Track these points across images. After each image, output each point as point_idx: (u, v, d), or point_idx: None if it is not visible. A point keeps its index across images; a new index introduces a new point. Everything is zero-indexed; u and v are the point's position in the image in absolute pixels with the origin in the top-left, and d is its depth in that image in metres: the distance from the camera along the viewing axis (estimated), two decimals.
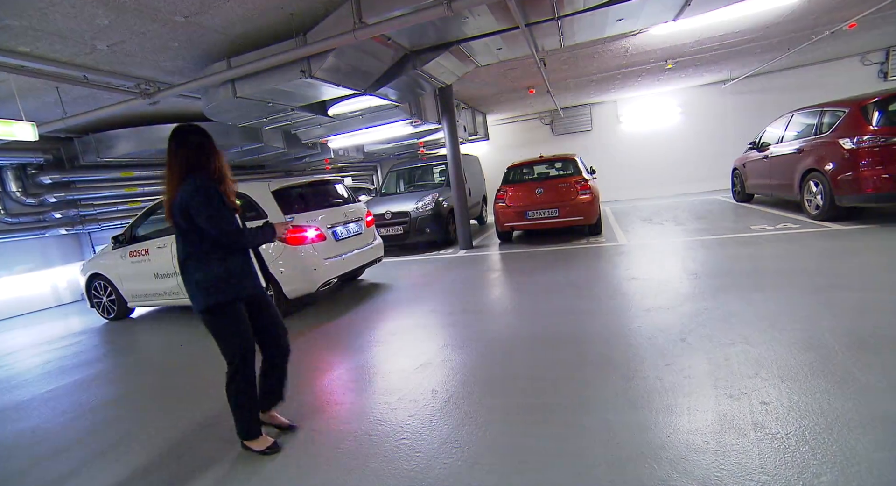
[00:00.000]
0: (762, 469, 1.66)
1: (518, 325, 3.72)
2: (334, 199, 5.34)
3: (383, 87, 5.22)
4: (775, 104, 10.02)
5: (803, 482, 1.58)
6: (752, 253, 4.84)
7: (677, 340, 2.89)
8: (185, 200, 1.94)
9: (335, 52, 3.89)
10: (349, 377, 3.08)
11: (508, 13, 4.16)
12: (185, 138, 2.03)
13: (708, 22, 5.77)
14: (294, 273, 4.43)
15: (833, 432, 1.82)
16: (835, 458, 1.68)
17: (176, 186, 1.98)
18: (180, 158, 2.01)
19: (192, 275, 2.04)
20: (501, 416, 2.30)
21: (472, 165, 10.21)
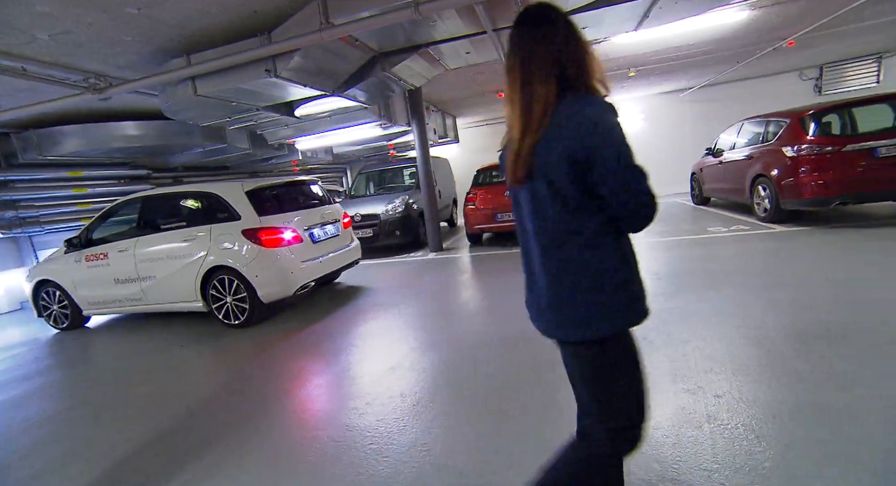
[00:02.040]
0: (714, 459, 1.75)
1: (487, 326, 3.76)
2: (311, 200, 5.22)
3: (351, 88, 5.16)
4: (728, 113, 10.57)
5: (749, 467, 1.68)
6: (708, 254, 5.08)
7: (640, 338, 2.98)
8: (585, 140, 1.04)
9: (301, 52, 3.81)
10: (319, 383, 3.03)
11: (476, 18, 4.21)
12: (550, 28, 1.11)
13: (666, 34, 6.04)
14: (270, 277, 4.30)
15: (776, 420, 1.94)
16: (777, 444, 1.79)
17: (541, 117, 1.07)
18: (545, 63, 1.09)
19: (587, 274, 1.12)
20: (469, 418, 2.31)
21: (443, 167, 10.25)
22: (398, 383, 2.81)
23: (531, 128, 1.07)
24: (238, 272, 4.24)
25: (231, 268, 4.27)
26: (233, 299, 4.36)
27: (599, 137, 1.04)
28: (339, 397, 2.77)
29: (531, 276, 1.23)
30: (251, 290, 4.26)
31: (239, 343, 3.99)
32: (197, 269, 4.38)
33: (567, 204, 1.08)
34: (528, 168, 1.10)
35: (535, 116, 1.07)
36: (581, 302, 1.11)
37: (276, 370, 3.27)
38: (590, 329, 1.11)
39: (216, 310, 4.45)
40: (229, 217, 4.36)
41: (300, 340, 3.88)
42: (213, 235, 4.36)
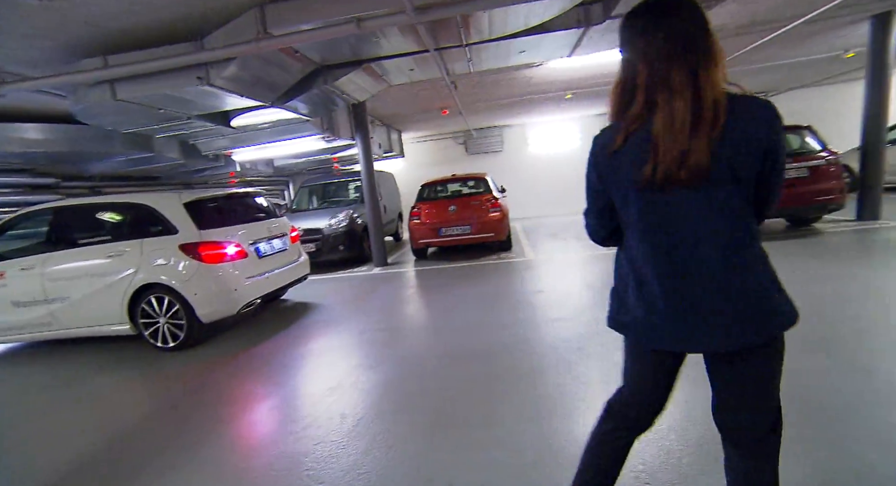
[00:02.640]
0: (641, 461, 1.85)
1: (431, 341, 3.75)
2: (256, 213, 4.96)
3: (292, 100, 5.05)
4: None
5: (670, 465, 1.80)
6: None
7: (575, 348, 3.13)
8: (774, 134, 1.02)
9: (238, 61, 3.68)
10: (258, 408, 2.85)
11: (419, 37, 4.29)
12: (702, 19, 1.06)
13: (596, 61, 6.49)
14: (210, 295, 4.02)
15: (693, 419, 2.10)
16: (695, 441, 1.94)
17: (723, 112, 1.00)
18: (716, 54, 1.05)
19: (765, 269, 1.09)
20: (411, 436, 2.28)
21: (388, 181, 10.22)
22: (339, 403, 2.71)
23: (718, 121, 0.98)
24: (174, 290, 3.94)
25: (166, 286, 3.96)
26: (167, 320, 4.03)
27: (780, 131, 1.03)
28: (277, 422, 2.62)
29: (685, 289, 1.08)
30: (189, 309, 3.97)
31: (172, 368, 3.67)
32: (124, 287, 4.01)
33: (748, 199, 1.05)
34: (708, 164, 1.00)
35: (720, 108, 0.99)
36: (777, 296, 1.08)
37: (213, 396, 3.04)
38: (777, 323, 1.07)
39: (147, 333, 4.10)
40: (164, 231, 4.05)
41: (241, 362, 3.65)
42: (145, 251, 4.02)
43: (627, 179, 1.09)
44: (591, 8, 4.37)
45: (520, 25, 4.27)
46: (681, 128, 0.99)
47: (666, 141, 1.01)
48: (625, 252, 1.22)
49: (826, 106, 11.30)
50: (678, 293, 1.09)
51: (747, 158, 1.00)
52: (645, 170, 1.04)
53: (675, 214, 1.06)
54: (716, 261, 1.05)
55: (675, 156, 1.00)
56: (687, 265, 1.07)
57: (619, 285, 1.26)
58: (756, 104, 1.01)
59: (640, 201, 1.10)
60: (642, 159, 1.05)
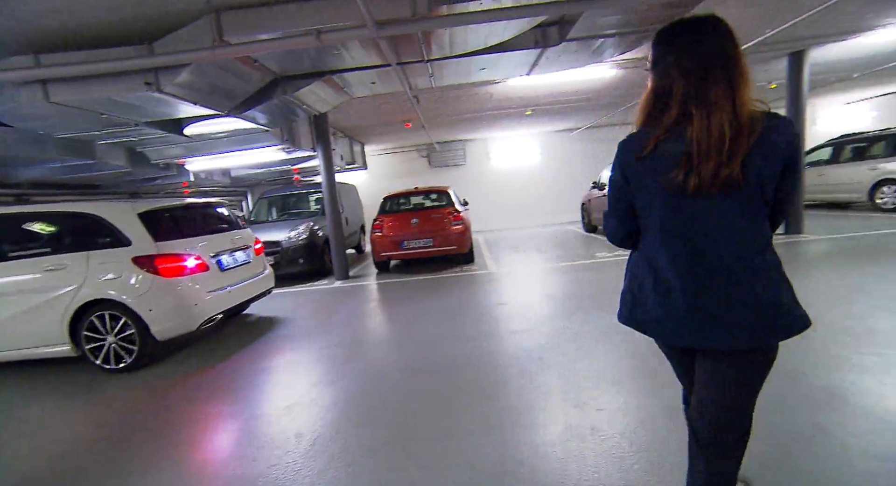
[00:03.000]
0: (594, 468, 1.90)
1: (392, 355, 3.70)
2: (218, 224, 4.74)
3: (250, 109, 4.92)
4: (610, 151, 12.03)
5: (622, 470, 1.86)
6: (596, 277, 5.63)
7: (536, 359, 3.18)
8: (794, 149, 1.11)
9: (192, 68, 3.55)
10: (212, 431, 2.69)
11: (381, 51, 4.33)
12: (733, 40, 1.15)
13: (555, 81, 6.79)
14: (168, 310, 3.80)
15: (645, 424, 2.18)
16: (645, 446, 2.01)
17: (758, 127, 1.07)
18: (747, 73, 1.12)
19: (781, 274, 1.16)
20: (370, 453, 2.23)
21: (350, 193, 10.11)
22: (296, 422, 2.61)
23: (754, 135, 1.05)
24: (125, 307, 3.69)
25: (116, 302, 3.69)
26: (116, 339, 3.74)
27: (799, 144, 1.08)
28: (230, 445, 2.49)
29: (699, 288, 1.14)
30: (142, 326, 3.71)
31: (121, 391, 3.40)
32: (65, 305, 3.70)
33: (767, 206, 1.13)
34: (741, 175, 1.05)
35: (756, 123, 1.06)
36: (790, 300, 1.14)
37: (163, 420, 2.84)
38: (788, 326, 1.13)
39: (92, 353, 3.79)
40: (114, 243, 3.79)
41: (194, 382, 3.44)
42: (92, 264, 3.74)
43: (655, 183, 1.14)
44: (548, 30, 4.57)
45: (480, 44, 4.40)
46: (719, 140, 1.05)
47: (703, 152, 1.06)
48: (643, 253, 1.26)
49: None
50: (700, 294, 1.14)
51: (773, 169, 1.09)
52: (675, 176, 1.09)
53: (700, 219, 1.12)
54: (736, 263, 1.11)
55: (713, 166, 1.05)
56: (709, 267, 1.13)
57: (634, 284, 1.30)
58: (779, 120, 1.09)
59: (666, 205, 1.15)
60: (672, 166, 1.10)
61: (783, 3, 4.65)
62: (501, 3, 3.31)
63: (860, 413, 2.10)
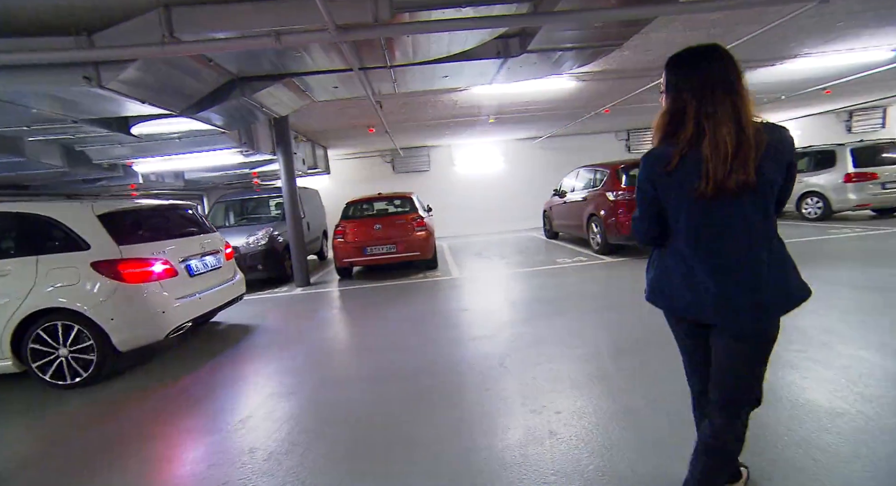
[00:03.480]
0: (552, 470, 1.93)
1: (351, 364, 3.64)
2: (187, 227, 4.49)
3: (206, 110, 4.73)
4: (571, 160, 12.44)
5: (578, 472, 1.90)
6: (556, 282, 5.76)
7: (497, 365, 3.21)
8: (791, 155, 1.34)
9: (139, 64, 3.36)
10: (158, 449, 2.52)
11: (343, 55, 4.28)
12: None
13: (516, 90, 6.95)
14: (131, 319, 3.56)
15: (600, 427, 2.24)
16: (600, 448, 2.07)
17: (763, 138, 1.25)
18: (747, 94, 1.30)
19: (786, 256, 1.36)
20: (325, 467, 2.16)
21: (312, 198, 9.89)
22: (249, 436, 2.50)
23: (760, 145, 1.23)
24: (82, 316, 3.42)
25: (71, 311, 3.43)
26: (70, 351, 3.45)
27: (794, 149, 1.35)
28: (179, 464, 2.35)
29: (720, 275, 1.31)
30: (102, 337, 3.44)
31: (70, 409, 3.13)
32: (7, 315, 3.40)
33: (775, 201, 1.33)
34: (754, 178, 1.22)
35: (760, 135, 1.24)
36: (795, 278, 1.34)
37: (121, 439, 2.64)
38: (798, 298, 1.33)
39: (39, 369, 3.45)
40: (68, 246, 3.52)
41: (157, 397, 3.22)
42: (42, 270, 3.45)
43: (682, 191, 1.31)
44: (509, 41, 4.68)
45: (443, 52, 4.44)
46: (728, 151, 1.22)
47: (717, 161, 1.23)
48: (672, 249, 1.43)
49: None
50: (724, 279, 1.31)
51: (778, 171, 1.29)
52: (699, 184, 1.26)
53: (722, 217, 1.30)
54: (752, 252, 1.30)
55: (726, 173, 1.23)
56: (730, 256, 1.31)
57: (663, 275, 1.47)
58: (782, 133, 1.30)
59: (691, 208, 1.32)
60: (695, 175, 1.27)
61: (720, 30, 5.01)
62: (462, 13, 3.36)
63: (786, 404, 2.25)
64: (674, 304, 1.44)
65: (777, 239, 1.35)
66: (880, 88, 9.98)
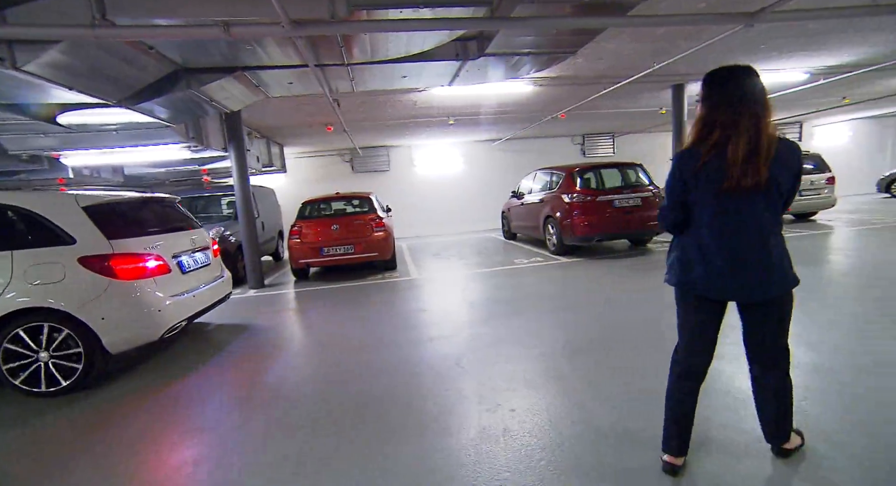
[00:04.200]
0: (506, 467, 1.96)
1: (306, 367, 3.53)
2: (175, 222, 4.23)
3: (147, 101, 4.44)
4: (529, 162, 12.75)
5: (530, 468, 1.94)
6: (514, 283, 5.87)
7: (454, 365, 3.22)
8: (800, 163, 1.64)
9: (64, 46, 3.06)
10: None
11: (298, 51, 4.16)
12: None
13: (475, 92, 7.03)
14: (125, 318, 3.32)
15: (552, 424, 2.31)
16: (551, 443, 2.12)
17: (773, 148, 1.52)
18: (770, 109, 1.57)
19: (785, 248, 1.67)
20: (274, 472, 2.08)
21: (267, 197, 9.54)
22: (189, 451, 2.37)
23: (770, 154, 1.50)
24: (68, 316, 3.14)
25: (53, 310, 3.13)
26: (52, 356, 3.15)
27: (802, 161, 1.64)
28: None
29: (743, 257, 1.60)
30: (91, 338, 3.18)
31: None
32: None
33: (782, 201, 1.61)
34: (765, 180, 1.51)
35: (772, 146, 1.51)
36: (788, 266, 1.65)
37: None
38: (792, 282, 1.66)
39: (10, 375, 3.14)
40: (49, 240, 3.22)
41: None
42: (18, 267, 3.13)
43: (708, 187, 1.57)
44: (468, 44, 4.72)
45: (401, 52, 4.41)
46: (743, 157, 1.49)
47: (736, 164, 1.50)
48: (692, 236, 1.69)
49: (652, 149, 13.78)
50: (736, 262, 1.60)
51: (787, 177, 1.58)
52: (724, 183, 1.53)
53: (738, 211, 1.58)
54: (760, 240, 1.59)
55: (743, 174, 1.50)
56: (743, 242, 1.59)
57: (685, 258, 1.71)
58: (792, 144, 1.61)
59: (714, 202, 1.59)
60: (719, 174, 1.53)
61: (663, 44, 5.31)
62: (420, 13, 3.36)
63: (719, 393, 2.41)
64: (694, 284, 1.68)
65: (779, 232, 1.63)
66: (797, 106, 11.02)
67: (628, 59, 5.88)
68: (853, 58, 6.76)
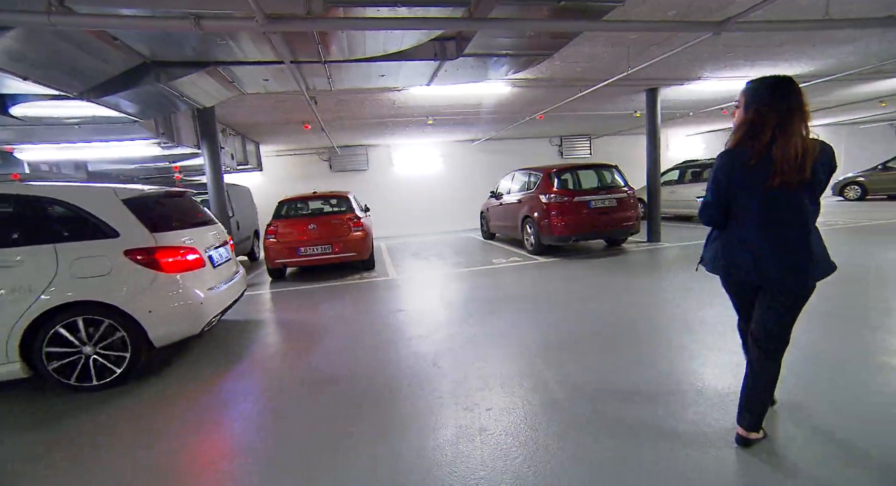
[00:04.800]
0: (482, 465, 1.97)
1: (282, 369, 3.46)
2: (199, 216, 4.19)
3: (112, 95, 4.27)
4: (508, 162, 12.85)
5: (505, 466, 1.96)
6: (492, 282, 5.91)
7: (431, 365, 3.22)
8: (834, 163, 1.79)
9: (17, 33, 2.87)
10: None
11: (274, 47, 4.08)
12: None
13: (454, 93, 7.05)
14: (171, 311, 3.29)
15: (527, 420, 2.33)
16: (525, 440, 2.15)
17: (817, 144, 1.73)
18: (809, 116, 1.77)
19: (821, 240, 1.84)
20: (250, 474, 2.04)
21: (242, 196, 9.32)
22: (159, 458, 2.29)
23: (816, 153, 1.70)
24: (115, 309, 3.11)
25: (100, 304, 3.10)
26: (96, 350, 3.13)
27: (835, 162, 1.79)
28: None
29: (781, 246, 1.77)
30: (137, 331, 3.17)
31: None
32: (18, 313, 2.95)
33: (820, 194, 1.80)
34: (810, 177, 1.70)
35: (817, 146, 1.71)
36: (826, 253, 1.83)
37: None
38: (831, 268, 1.83)
39: (55, 371, 3.06)
40: (92, 234, 3.17)
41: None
42: (63, 261, 3.06)
43: (756, 183, 1.75)
44: (446, 44, 4.73)
45: (379, 50, 4.38)
46: (795, 156, 1.67)
47: (786, 163, 1.68)
48: (735, 228, 1.87)
49: (628, 151, 14.12)
50: (781, 250, 1.77)
51: (826, 173, 1.77)
52: (772, 180, 1.70)
53: (784, 204, 1.75)
54: (802, 230, 1.76)
55: (791, 172, 1.68)
56: (787, 233, 1.77)
57: (729, 248, 1.89)
58: (828, 146, 1.77)
59: (762, 198, 1.77)
60: (768, 172, 1.71)
61: (637, 49, 5.44)
62: (398, 12, 3.34)
63: (691, 391, 2.49)
64: (736, 271, 1.88)
65: (815, 224, 1.81)
66: None
67: (604, 63, 6.00)
68: (810, 68, 7.12)
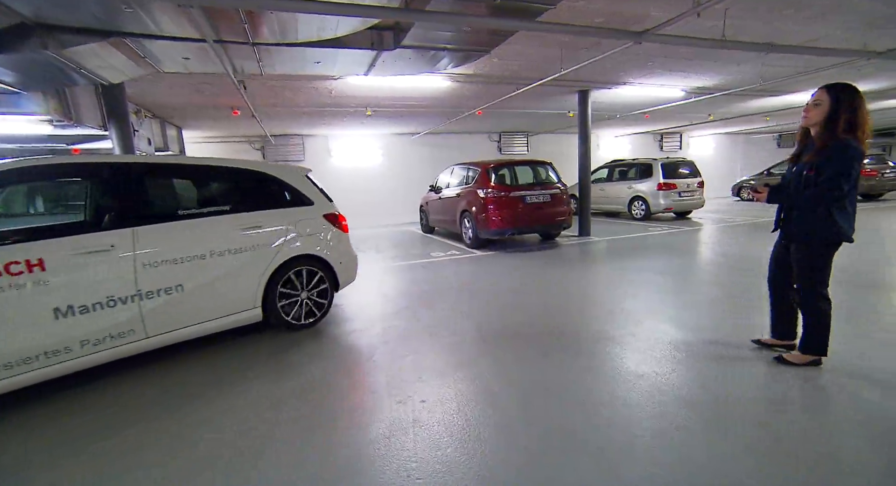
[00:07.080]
0: (414, 457, 1.99)
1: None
2: None
3: None
4: (447, 157, 12.97)
5: (437, 458, 1.99)
6: (430, 276, 5.94)
7: (367, 359, 3.18)
8: None
9: None
10: None
11: (194, 22, 3.75)
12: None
13: (393, 85, 6.95)
14: (349, 263, 4.23)
15: (461, 412, 2.38)
16: (460, 433, 2.19)
17: None
18: None
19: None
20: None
21: None
22: None
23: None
24: (322, 260, 3.93)
25: (315, 257, 3.88)
26: (308, 295, 3.86)
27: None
28: None
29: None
30: (333, 279, 4.03)
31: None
32: (266, 264, 3.56)
33: None
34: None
35: None
36: None
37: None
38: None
39: (282, 309, 3.70)
40: (299, 202, 3.90)
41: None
42: (289, 222, 3.76)
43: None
44: (384, 34, 4.64)
45: (313, 35, 4.21)
46: None
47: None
48: (850, 205, 2.43)
49: (562, 149, 14.81)
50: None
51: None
52: None
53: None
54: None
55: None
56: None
57: (844, 220, 2.43)
58: None
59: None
60: None
61: (569, 52, 5.70)
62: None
63: (609, 372, 2.69)
64: (848, 236, 2.44)
65: None
66: (677, 119, 12.75)
67: (539, 63, 6.21)
68: (714, 82, 7.95)
